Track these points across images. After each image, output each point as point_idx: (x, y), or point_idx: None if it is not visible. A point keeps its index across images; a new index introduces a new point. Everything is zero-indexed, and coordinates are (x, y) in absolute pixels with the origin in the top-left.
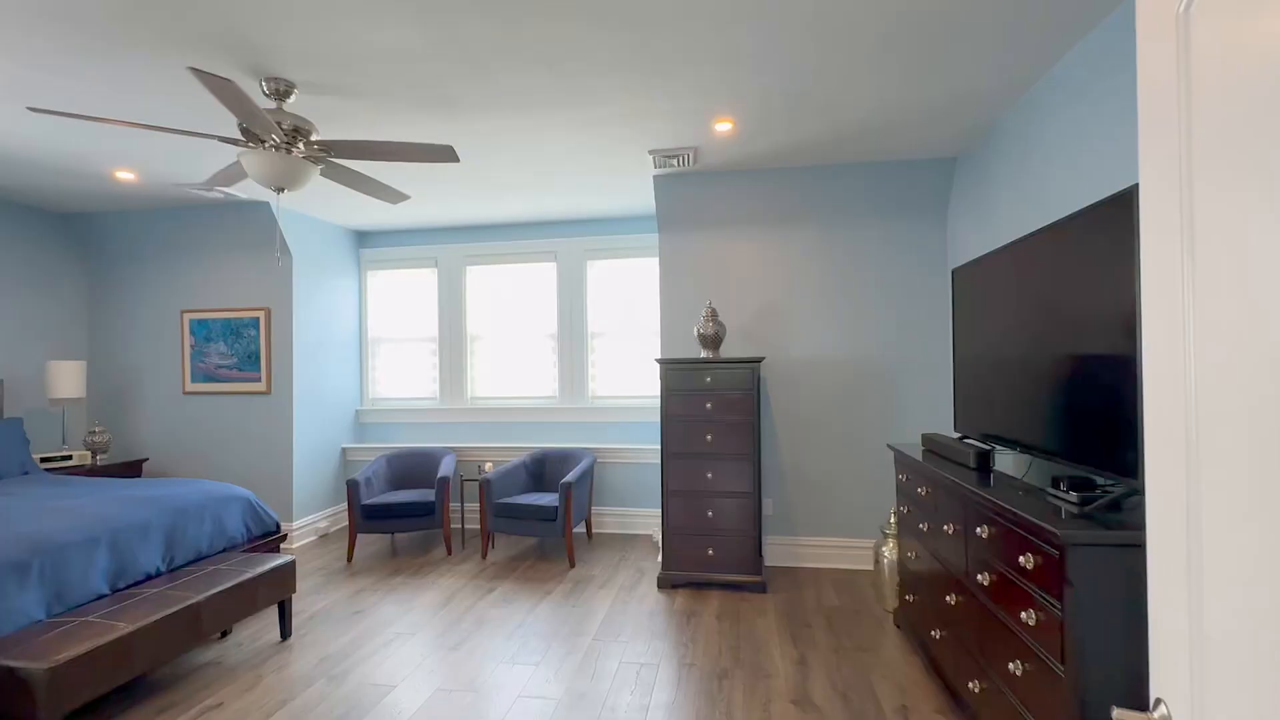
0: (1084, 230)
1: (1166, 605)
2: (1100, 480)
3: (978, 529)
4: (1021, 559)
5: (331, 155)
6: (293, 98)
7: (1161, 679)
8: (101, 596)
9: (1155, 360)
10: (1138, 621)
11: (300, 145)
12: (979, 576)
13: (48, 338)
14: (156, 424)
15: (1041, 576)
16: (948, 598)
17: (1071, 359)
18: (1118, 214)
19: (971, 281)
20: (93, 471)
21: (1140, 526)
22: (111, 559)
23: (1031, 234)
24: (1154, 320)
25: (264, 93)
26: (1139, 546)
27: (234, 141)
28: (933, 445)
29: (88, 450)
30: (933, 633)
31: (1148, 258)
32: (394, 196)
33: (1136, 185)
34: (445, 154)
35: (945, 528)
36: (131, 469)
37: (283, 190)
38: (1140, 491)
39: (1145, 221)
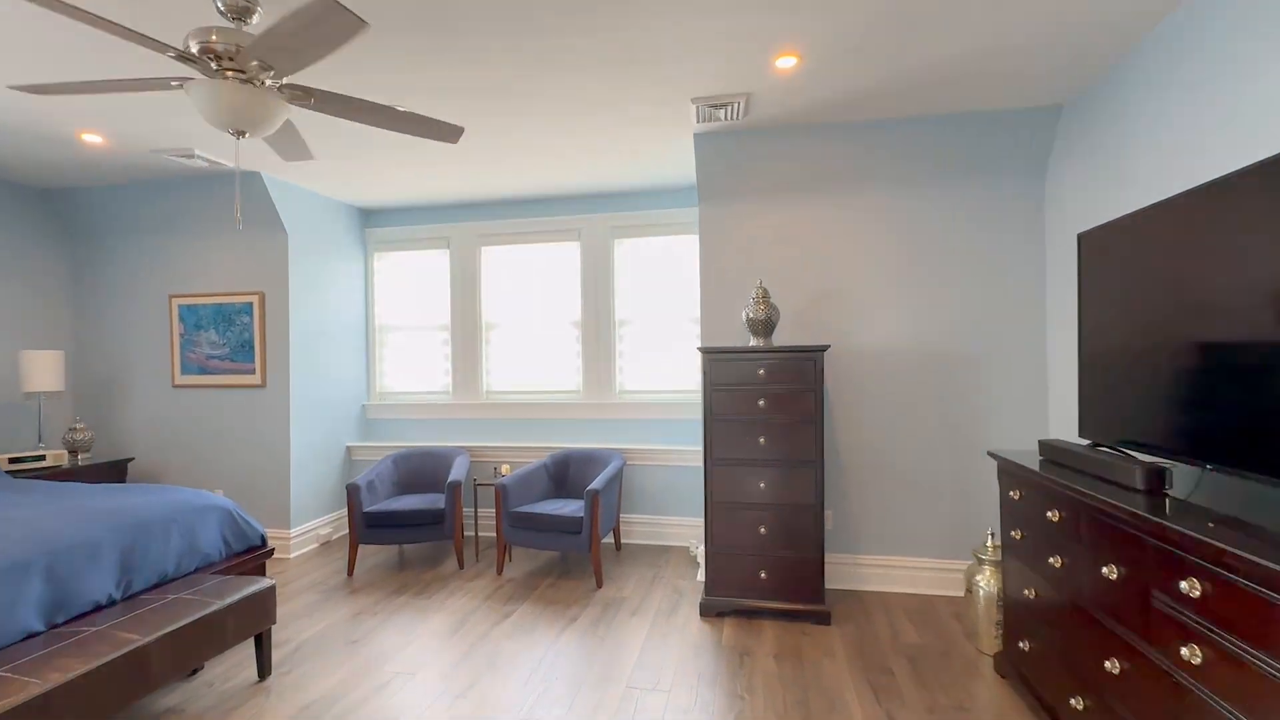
0: None
1: None
2: None
3: (1180, 583)
4: None
5: (311, 104)
6: (255, 17)
7: None
8: (33, 635)
9: None
10: None
11: (267, 77)
12: (1182, 650)
13: (22, 324)
14: (143, 420)
15: None
16: (1107, 663)
17: None
18: None
19: (1113, 247)
20: (71, 473)
21: None
22: (47, 588)
23: (1228, 176)
24: None
25: (219, 9)
26: None
27: (186, 80)
28: (1060, 456)
29: (66, 449)
30: (1071, 700)
31: None
32: (448, 132)
33: None
34: (448, 132)
35: (1103, 570)
36: (115, 470)
37: (244, 134)
38: None
39: None
